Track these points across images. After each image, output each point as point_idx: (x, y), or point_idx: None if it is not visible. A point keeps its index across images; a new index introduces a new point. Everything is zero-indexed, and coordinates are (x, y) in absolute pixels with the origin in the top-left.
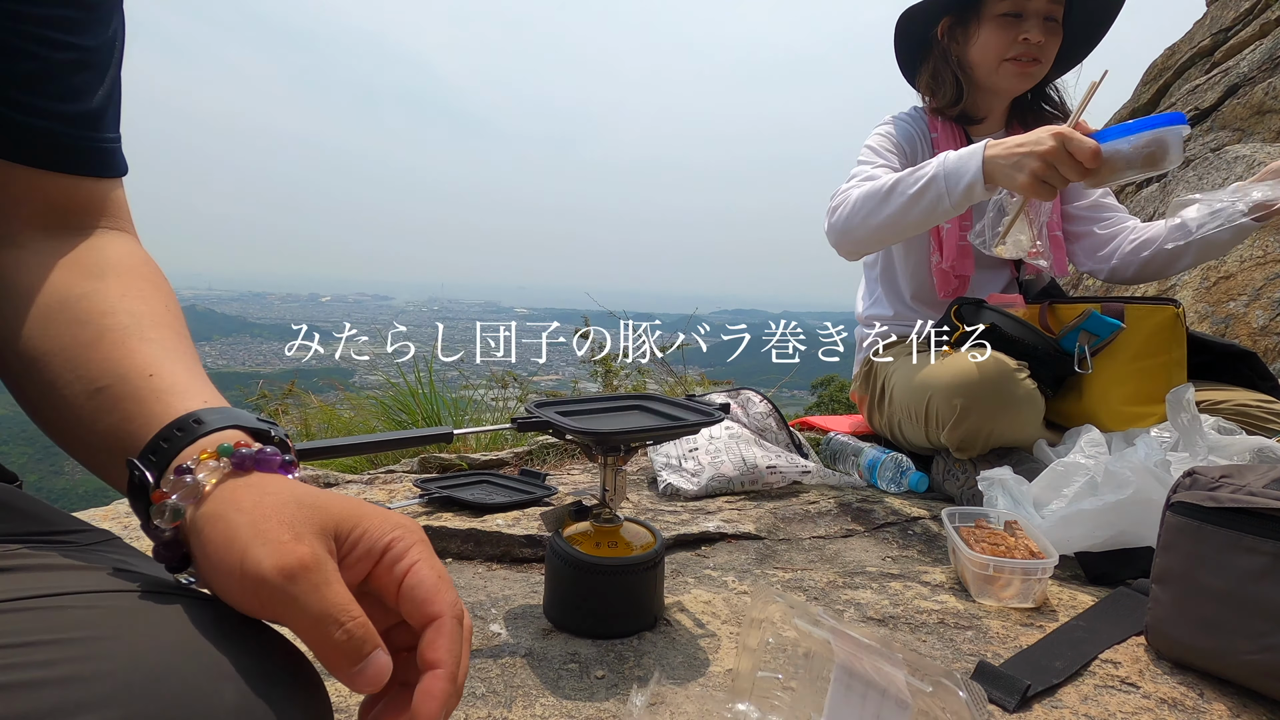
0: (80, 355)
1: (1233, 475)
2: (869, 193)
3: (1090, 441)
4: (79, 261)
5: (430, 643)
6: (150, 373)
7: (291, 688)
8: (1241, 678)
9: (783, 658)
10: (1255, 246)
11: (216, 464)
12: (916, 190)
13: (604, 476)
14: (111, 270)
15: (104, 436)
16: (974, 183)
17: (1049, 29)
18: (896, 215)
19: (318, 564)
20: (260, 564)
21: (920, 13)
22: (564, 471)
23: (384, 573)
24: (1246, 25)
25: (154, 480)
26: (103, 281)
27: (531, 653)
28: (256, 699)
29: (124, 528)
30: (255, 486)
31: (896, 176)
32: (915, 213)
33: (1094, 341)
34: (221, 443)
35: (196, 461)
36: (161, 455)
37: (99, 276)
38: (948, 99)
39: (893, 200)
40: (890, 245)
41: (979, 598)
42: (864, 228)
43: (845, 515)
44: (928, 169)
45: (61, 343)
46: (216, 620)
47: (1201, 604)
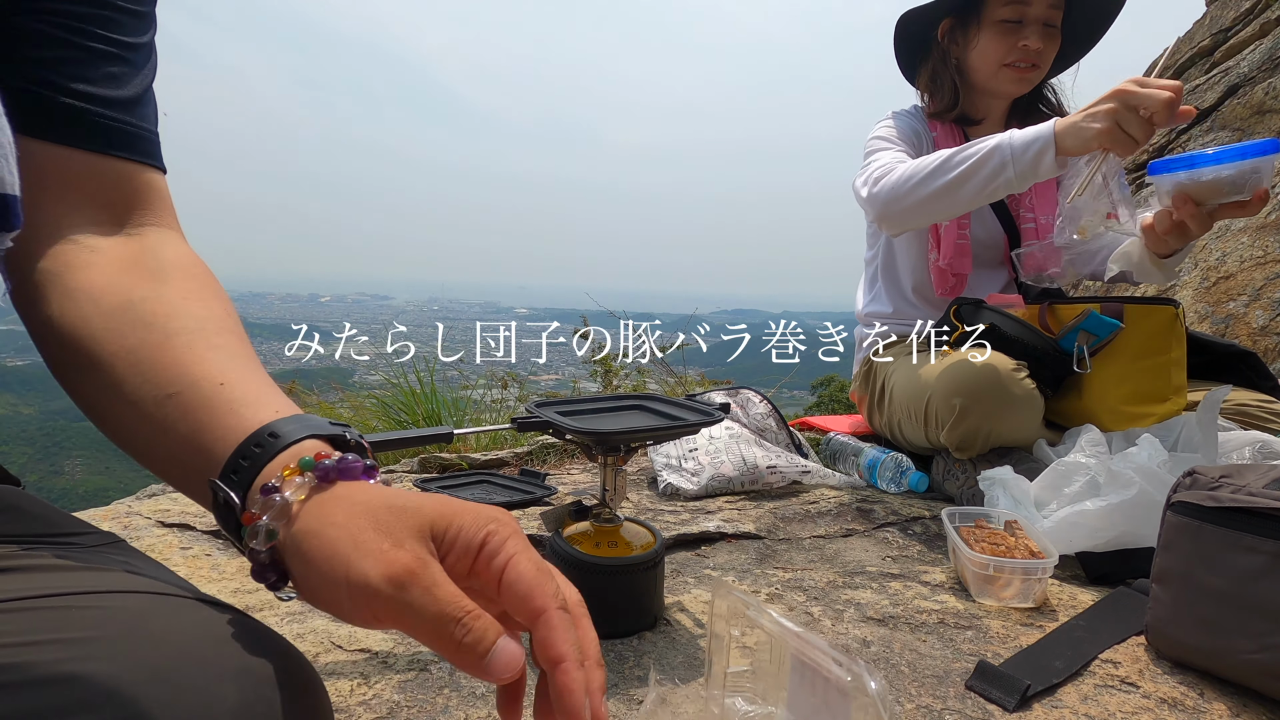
0: (148, 359)
1: (1233, 475)
2: (920, 163)
3: (1090, 441)
4: (138, 262)
5: (544, 641)
6: (221, 381)
7: (292, 689)
8: (1241, 677)
9: (749, 653)
10: (1255, 246)
11: (301, 479)
12: (978, 159)
13: (604, 476)
14: (170, 272)
15: (177, 446)
16: (1044, 149)
17: (1048, 34)
18: (951, 185)
19: (424, 567)
20: (367, 576)
21: (921, 14)
22: (564, 471)
23: (483, 568)
24: (1246, 25)
25: (239, 500)
26: (164, 284)
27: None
28: (257, 700)
29: (124, 528)
30: (343, 498)
31: (952, 150)
32: (973, 183)
33: (1093, 341)
34: (302, 456)
35: (281, 479)
36: (243, 474)
37: (159, 279)
38: (945, 103)
39: (948, 170)
40: (936, 220)
41: (979, 598)
42: (913, 197)
43: (845, 515)
44: (990, 139)
45: (127, 345)
46: (218, 622)
47: (1201, 603)
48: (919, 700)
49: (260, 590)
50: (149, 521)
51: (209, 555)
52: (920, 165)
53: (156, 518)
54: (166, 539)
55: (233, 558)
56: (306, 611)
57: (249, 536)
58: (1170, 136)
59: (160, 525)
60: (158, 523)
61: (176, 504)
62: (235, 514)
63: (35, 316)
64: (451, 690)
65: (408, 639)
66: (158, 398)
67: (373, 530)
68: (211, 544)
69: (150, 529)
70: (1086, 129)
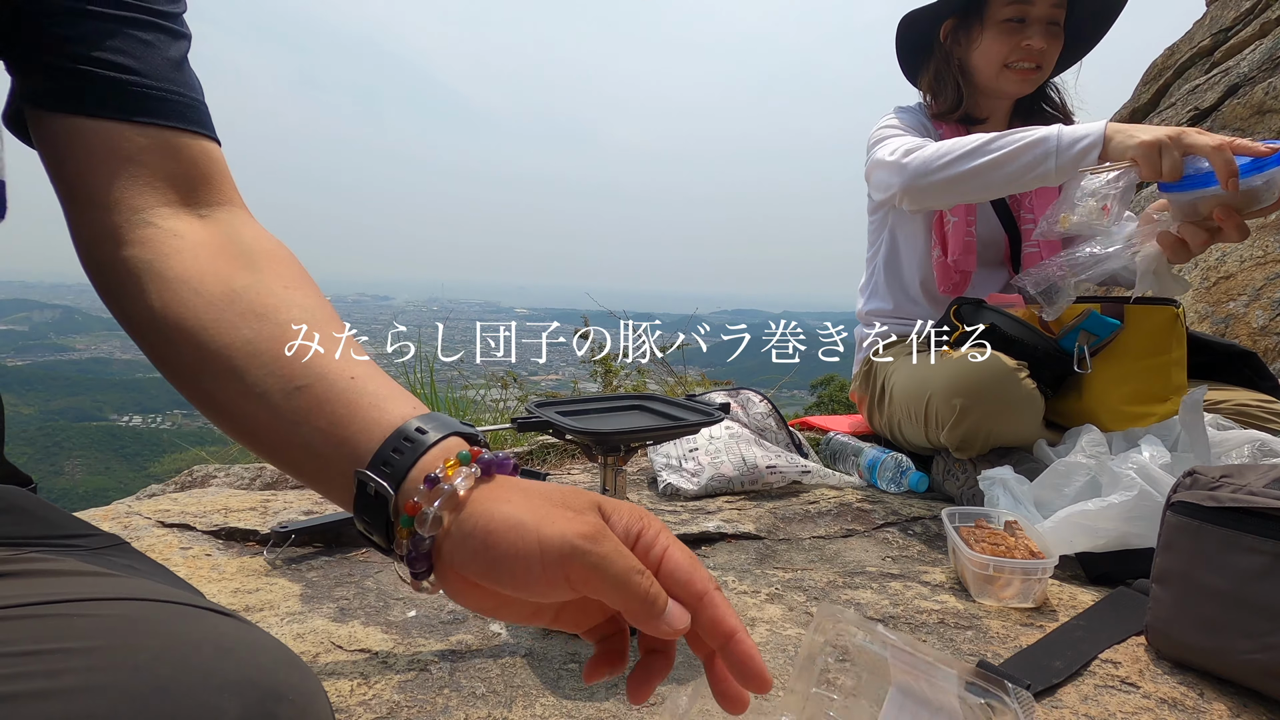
0: (268, 351)
1: (1233, 475)
2: (956, 142)
3: (1091, 441)
4: (224, 247)
5: (714, 619)
6: (351, 375)
7: (295, 701)
8: (1242, 677)
9: (841, 675)
10: (1255, 246)
11: (468, 470)
12: (1021, 145)
13: (604, 476)
14: (260, 258)
15: (312, 438)
16: (1092, 145)
17: (1051, 34)
18: (987, 165)
19: (609, 529)
20: (564, 535)
21: (924, 14)
22: (564, 471)
23: (641, 555)
24: (1246, 25)
25: (393, 490)
26: (260, 272)
27: (532, 653)
28: (260, 713)
29: (124, 528)
30: (506, 486)
31: (991, 134)
32: (1011, 168)
33: (1093, 341)
34: (460, 450)
35: (444, 471)
36: (395, 466)
37: (253, 266)
38: (948, 104)
39: (988, 151)
40: (960, 201)
41: (979, 598)
42: (946, 173)
43: (845, 515)
44: (1036, 130)
45: (245, 336)
46: (220, 631)
47: (1202, 603)
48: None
49: (260, 590)
50: (149, 521)
51: (209, 555)
52: (957, 143)
53: (156, 518)
54: (166, 539)
55: (233, 558)
56: (307, 611)
57: (417, 524)
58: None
59: (160, 525)
60: (158, 523)
61: (176, 504)
62: (386, 505)
63: (133, 309)
64: (451, 690)
65: (407, 639)
66: (286, 390)
67: (550, 505)
68: (211, 544)
69: (150, 529)
70: (1132, 136)
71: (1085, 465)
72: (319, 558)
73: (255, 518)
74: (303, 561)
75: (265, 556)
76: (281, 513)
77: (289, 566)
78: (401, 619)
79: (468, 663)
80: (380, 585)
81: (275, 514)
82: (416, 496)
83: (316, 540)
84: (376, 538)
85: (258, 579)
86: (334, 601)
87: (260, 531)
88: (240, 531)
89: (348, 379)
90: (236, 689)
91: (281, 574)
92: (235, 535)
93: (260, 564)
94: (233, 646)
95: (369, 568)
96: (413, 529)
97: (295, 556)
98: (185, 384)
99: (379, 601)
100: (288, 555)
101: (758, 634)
